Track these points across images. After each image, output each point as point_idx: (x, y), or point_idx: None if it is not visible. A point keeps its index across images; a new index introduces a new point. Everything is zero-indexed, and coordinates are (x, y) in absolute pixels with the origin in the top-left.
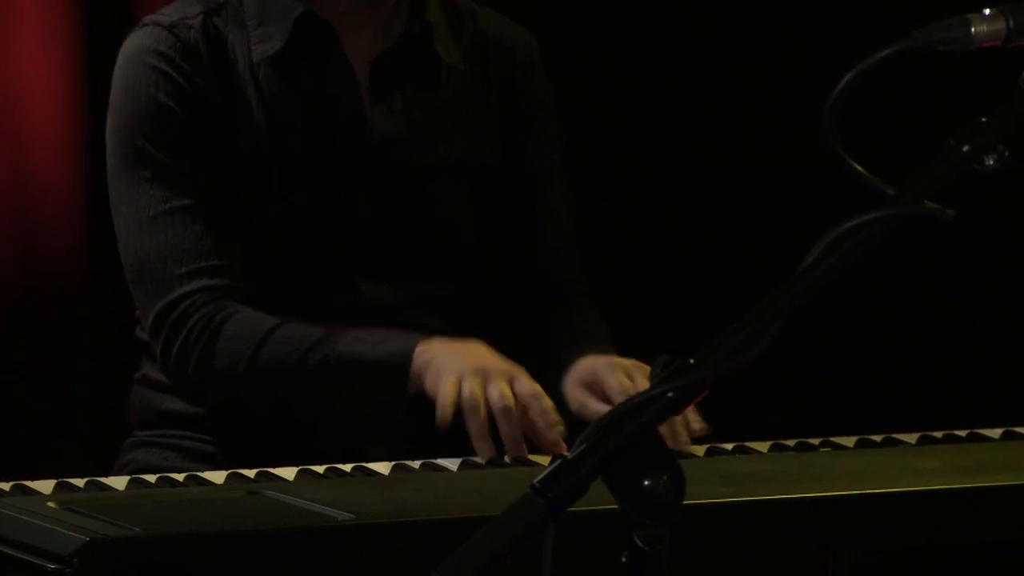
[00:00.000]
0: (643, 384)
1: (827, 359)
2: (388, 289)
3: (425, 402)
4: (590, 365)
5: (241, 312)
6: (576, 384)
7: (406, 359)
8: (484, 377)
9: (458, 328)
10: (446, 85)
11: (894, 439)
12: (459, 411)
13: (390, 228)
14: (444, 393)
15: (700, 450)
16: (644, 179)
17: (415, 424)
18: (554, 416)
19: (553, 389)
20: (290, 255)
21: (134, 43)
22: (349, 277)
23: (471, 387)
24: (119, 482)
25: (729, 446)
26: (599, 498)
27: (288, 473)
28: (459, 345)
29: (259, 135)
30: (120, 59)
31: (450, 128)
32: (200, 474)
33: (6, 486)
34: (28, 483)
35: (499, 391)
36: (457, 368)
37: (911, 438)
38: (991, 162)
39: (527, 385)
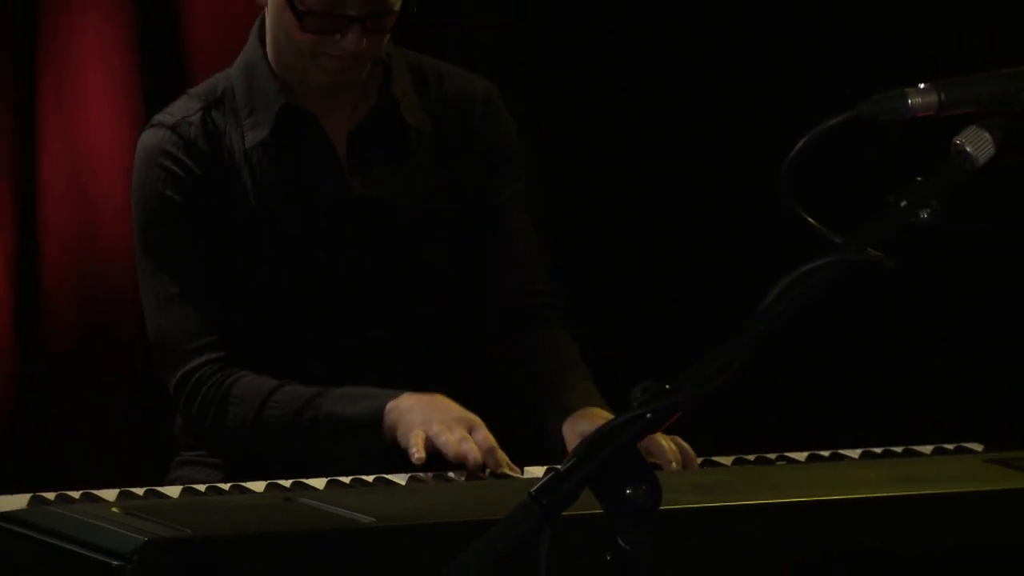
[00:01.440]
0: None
1: (787, 381)
2: (383, 331)
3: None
4: (591, 419)
5: (245, 376)
6: (575, 432)
7: (379, 416)
8: (447, 428)
9: (444, 355)
10: (415, 148)
11: (840, 454)
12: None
13: (378, 277)
14: (414, 443)
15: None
16: (634, 199)
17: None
18: (507, 469)
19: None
20: (293, 311)
21: (146, 142)
22: (347, 325)
23: (444, 440)
24: (173, 491)
25: (698, 460)
26: (587, 505)
27: (319, 483)
28: (424, 399)
29: (255, 210)
30: (136, 156)
31: (422, 185)
32: (243, 484)
33: (76, 494)
34: (95, 491)
35: (466, 443)
36: (422, 422)
37: (855, 453)
38: (925, 216)
39: (484, 438)
